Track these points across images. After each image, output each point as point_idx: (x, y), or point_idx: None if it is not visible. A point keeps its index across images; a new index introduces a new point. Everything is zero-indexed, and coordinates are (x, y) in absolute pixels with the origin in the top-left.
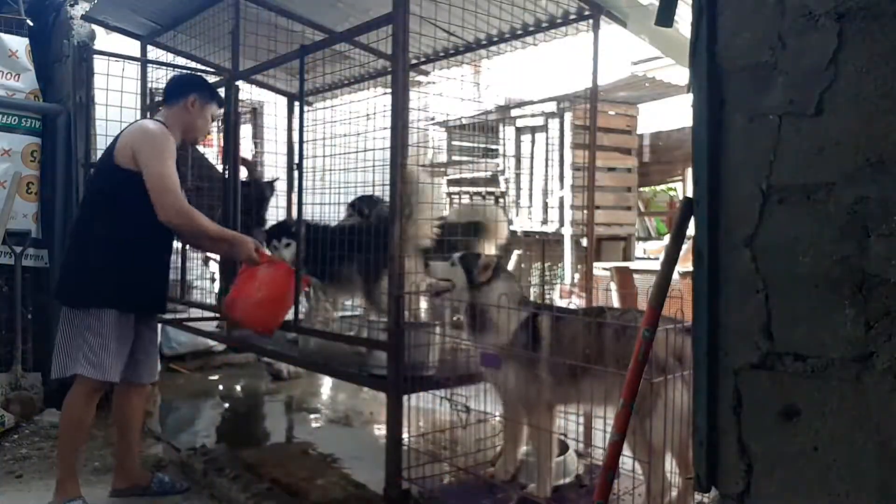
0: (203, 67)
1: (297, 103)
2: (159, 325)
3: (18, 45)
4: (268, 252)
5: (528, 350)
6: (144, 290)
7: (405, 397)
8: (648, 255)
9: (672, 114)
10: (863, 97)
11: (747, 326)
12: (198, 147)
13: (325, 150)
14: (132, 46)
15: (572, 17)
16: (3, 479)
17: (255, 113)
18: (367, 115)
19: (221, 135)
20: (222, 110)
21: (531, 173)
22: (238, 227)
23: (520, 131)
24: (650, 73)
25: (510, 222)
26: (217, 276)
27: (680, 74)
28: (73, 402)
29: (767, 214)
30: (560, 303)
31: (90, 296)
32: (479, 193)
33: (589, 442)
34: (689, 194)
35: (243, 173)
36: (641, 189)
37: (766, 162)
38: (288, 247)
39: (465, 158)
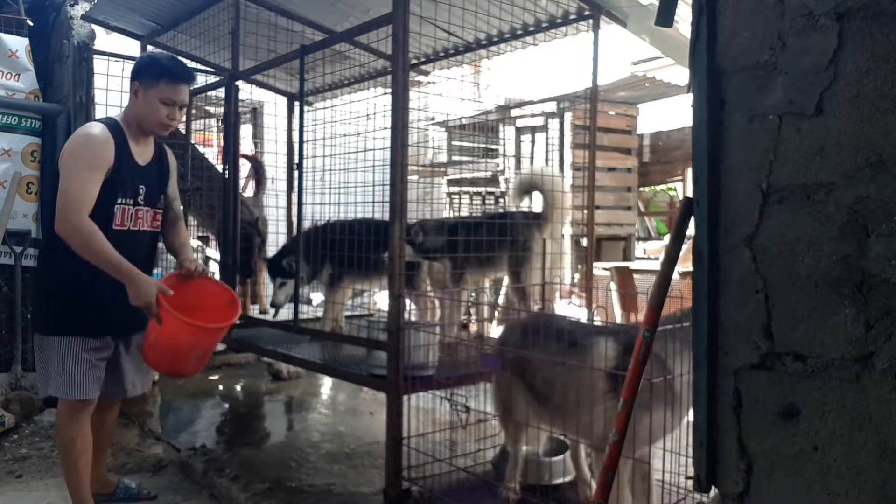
0: (203, 67)
1: (297, 103)
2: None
3: (18, 45)
4: (169, 293)
5: None
6: (92, 313)
7: (405, 397)
8: (648, 255)
9: (672, 114)
10: (863, 97)
11: (747, 326)
12: (198, 147)
13: (325, 150)
14: (132, 46)
15: (572, 17)
16: (3, 479)
17: (255, 113)
18: (367, 115)
19: (221, 135)
20: (181, 87)
21: (531, 164)
22: (237, 233)
23: (520, 131)
24: (650, 73)
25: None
26: (217, 276)
27: (680, 74)
28: (59, 423)
29: (767, 214)
30: (560, 303)
31: (42, 322)
32: (479, 193)
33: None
34: (689, 194)
35: (244, 173)
36: (641, 189)
37: (766, 162)
38: (283, 286)
39: (465, 158)
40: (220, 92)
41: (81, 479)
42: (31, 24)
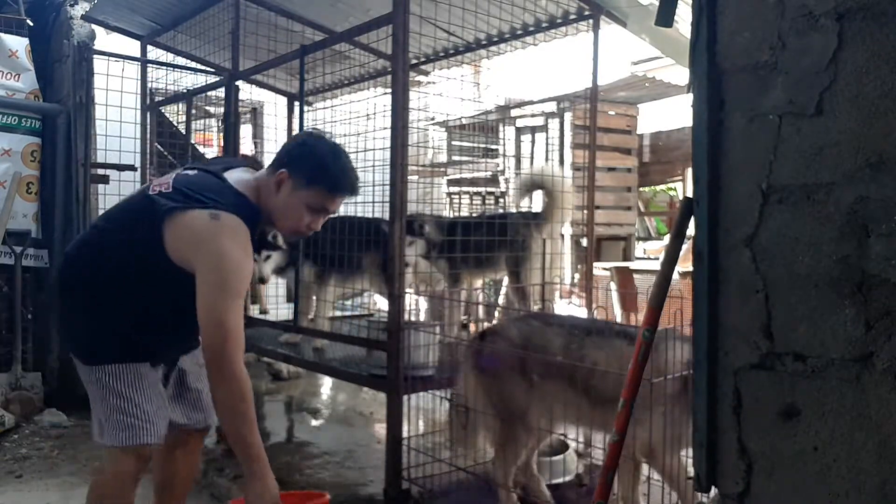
0: (203, 67)
1: (297, 103)
2: None
3: (18, 45)
4: None
5: None
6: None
7: (405, 397)
8: (648, 255)
9: (672, 114)
10: (863, 97)
11: (747, 326)
12: (197, 147)
13: None
14: (132, 46)
15: (572, 17)
16: (3, 479)
17: (255, 113)
18: (367, 115)
19: (221, 135)
20: (342, 198)
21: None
22: None
23: (520, 131)
24: (650, 73)
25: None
26: None
27: (680, 74)
28: (99, 482)
29: (767, 214)
30: (560, 303)
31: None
32: (479, 193)
33: (589, 442)
34: (689, 194)
35: None
36: (641, 189)
37: (766, 162)
38: (268, 259)
39: (465, 158)
40: (220, 92)
41: None
42: (31, 24)
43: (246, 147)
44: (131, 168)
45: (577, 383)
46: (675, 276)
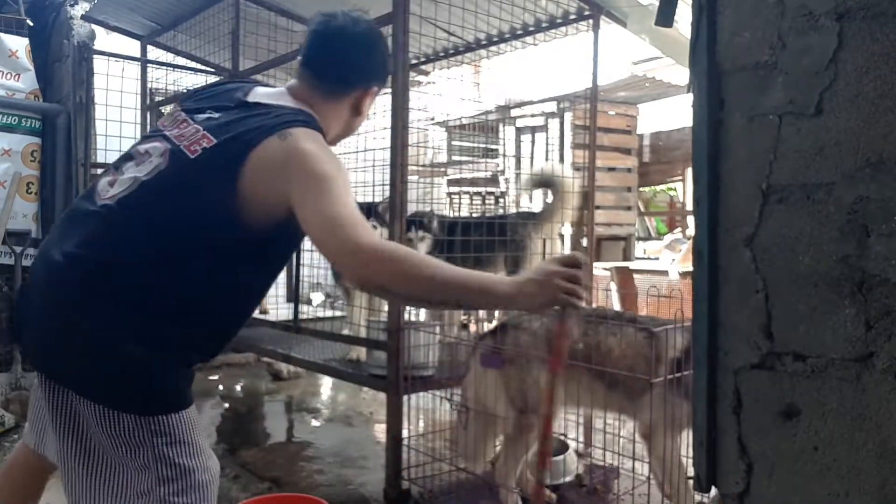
0: (203, 67)
1: None
2: None
3: (18, 45)
4: None
5: None
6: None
7: (405, 397)
8: (648, 255)
9: (672, 114)
10: (863, 97)
11: (747, 326)
12: None
13: None
14: (132, 46)
15: (572, 17)
16: None
17: None
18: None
19: None
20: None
21: (546, 160)
22: None
23: (520, 131)
24: (650, 73)
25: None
26: None
27: (680, 74)
28: None
29: (767, 214)
30: None
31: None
32: (479, 193)
33: (589, 442)
34: (689, 194)
35: None
36: (641, 189)
37: (766, 162)
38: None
39: (465, 158)
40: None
41: None
42: (31, 24)
43: None
44: None
45: (594, 368)
46: (675, 276)
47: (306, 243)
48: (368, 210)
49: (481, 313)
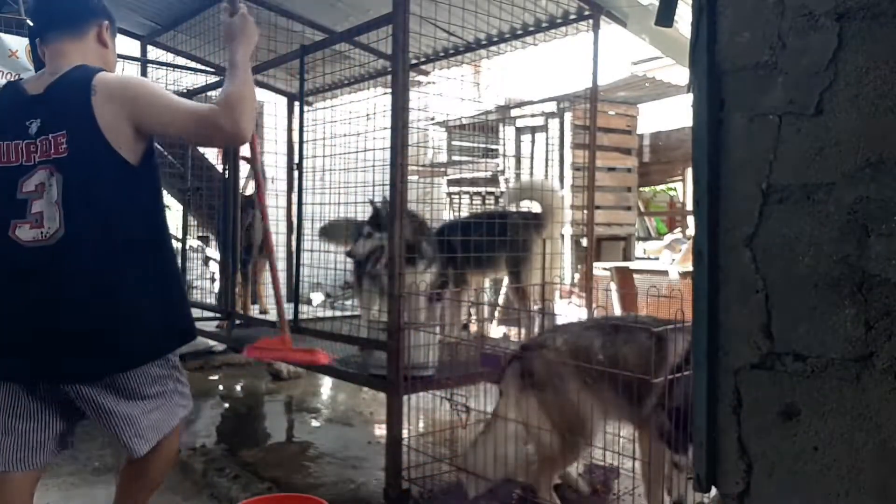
0: (203, 67)
1: (297, 103)
2: None
3: (18, 45)
4: None
5: None
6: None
7: (405, 397)
8: (648, 255)
9: (672, 114)
10: (863, 97)
11: (747, 326)
12: (198, 147)
13: (325, 150)
14: (132, 46)
15: (572, 17)
16: None
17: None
18: (367, 115)
19: None
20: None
21: (531, 173)
22: (238, 230)
23: (520, 131)
24: (650, 73)
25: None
26: (217, 276)
27: (680, 74)
28: (169, 464)
29: (767, 214)
30: (560, 302)
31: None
32: (479, 193)
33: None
34: (689, 194)
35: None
36: (641, 189)
37: (766, 162)
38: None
39: (465, 158)
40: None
41: None
42: (31, 24)
43: (245, 147)
44: None
45: (618, 381)
46: (675, 276)
47: (306, 243)
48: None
49: (481, 313)
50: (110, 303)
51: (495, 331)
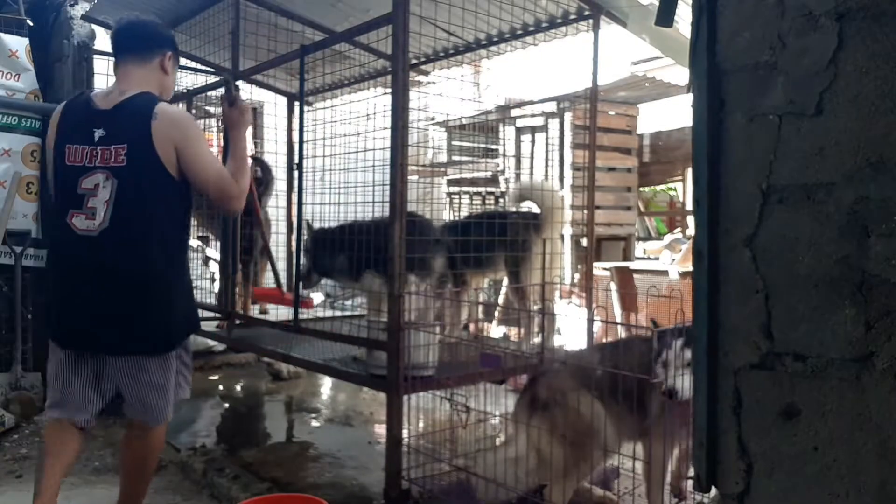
0: (203, 67)
1: (297, 103)
2: None
3: (18, 45)
4: None
5: None
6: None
7: (405, 397)
8: (648, 255)
9: (672, 114)
10: (863, 97)
11: (747, 326)
12: None
13: (325, 150)
14: None
15: (572, 17)
16: (3, 478)
17: (255, 113)
18: (367, 115)
19: (221, 135)
20: None
21: (531, 173)
22: (238, 232)
23: (520, 131)
24: (650, 73)
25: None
26: (217, 275)
27: (680, 74)
28: (159, 446)
29: (767, 214)
30: (560, 303)
31: (167, 338)
32: (479, 193)
33: None
34: (689, 194)
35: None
36: (641, 189)
37: (766, 162)
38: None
39: (465, 158)
40: (221, 92)
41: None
42: (31, 24)
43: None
44: None
45: (618, 394)
46: (675, 276)
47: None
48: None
49: (480, 314)
50: (143, 290)
51: (496, 331)
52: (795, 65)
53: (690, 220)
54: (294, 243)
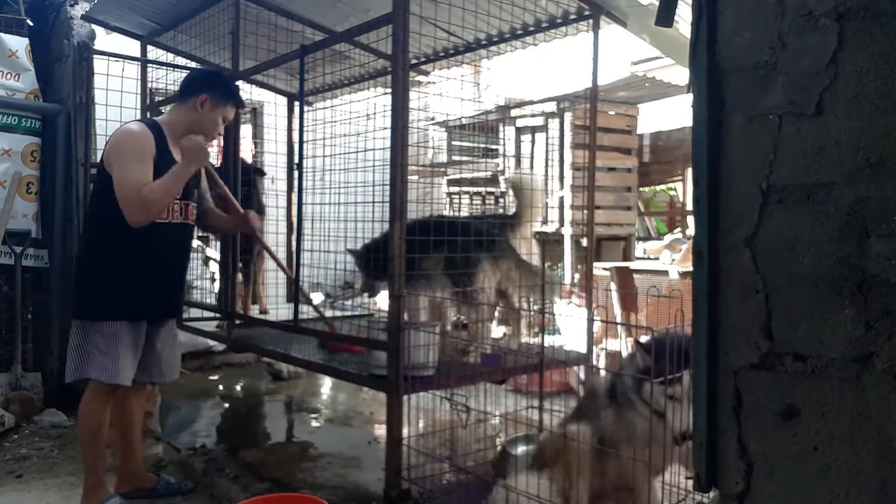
0: (203, 68)
1: (297, 103)
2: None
3: (18, 45)
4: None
5: None
6: (145, 296)
7: (405, 397)
8: (648, 255)
9: (672, 114)
10: (863, 97)
11: (747, 326)
12: None
13: (325, 150)
14: (132, 46)
15: (572, 17)
16: (3, 479)
17: (255, 113)
18: (367, 115)
19: (221, 135)
20: (237, 111)
21: (531, 173)
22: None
23: (520, 131)
24: (650, 73)
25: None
26: (217, 275)
27: (680, 74)
28: (89, 408)
29: (767, 214)
30: (560, 303)
31: (89, 308)
32: (479, 193)
33: None
34: (689, 194)
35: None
36: (641, 189)
37: (766, 162)
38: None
39: (465, 158)
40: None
41: (101, 464)
42: (31, 24)
43: (246, 147)
44: None
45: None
46: (675, 275)
47: (306, 243)
48: None
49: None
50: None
51: (496, 331)
52: (795, 65)
53: (690, 220)
54: (294, 243)
